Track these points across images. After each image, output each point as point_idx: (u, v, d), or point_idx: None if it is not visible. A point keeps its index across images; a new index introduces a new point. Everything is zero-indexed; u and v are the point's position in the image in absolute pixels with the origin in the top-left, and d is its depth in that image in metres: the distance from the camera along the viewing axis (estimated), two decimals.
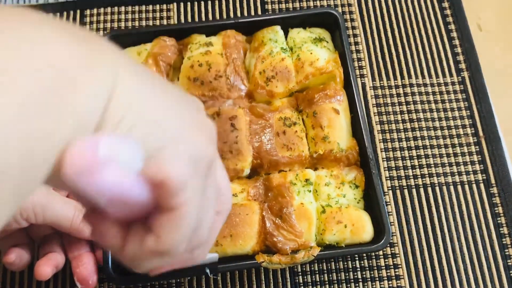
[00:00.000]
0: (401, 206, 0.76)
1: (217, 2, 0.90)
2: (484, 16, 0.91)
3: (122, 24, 0.88)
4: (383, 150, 0.79)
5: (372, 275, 0.72)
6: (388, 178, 0.77)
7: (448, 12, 0.89)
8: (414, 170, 0.78)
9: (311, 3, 0.90)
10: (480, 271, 0.72)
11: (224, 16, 0.89)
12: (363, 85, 0.83)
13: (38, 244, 0.64)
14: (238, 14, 0.89)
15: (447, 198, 0.76)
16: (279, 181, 0.65)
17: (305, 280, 0.71)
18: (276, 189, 0.64)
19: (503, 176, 0.77)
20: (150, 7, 0.89)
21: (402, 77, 0.84)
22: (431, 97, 0.83)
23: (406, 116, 0.81)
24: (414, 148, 0.79)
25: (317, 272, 0.72)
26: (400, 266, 0.72)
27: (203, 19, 0.89)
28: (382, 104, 0.82)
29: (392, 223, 0.74)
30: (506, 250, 0.73)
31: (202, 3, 0.90)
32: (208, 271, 0.61)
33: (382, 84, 0.84)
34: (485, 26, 0.90)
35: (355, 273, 0.72)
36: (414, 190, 0.77)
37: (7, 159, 0.23)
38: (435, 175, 0.77)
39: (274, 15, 0.77)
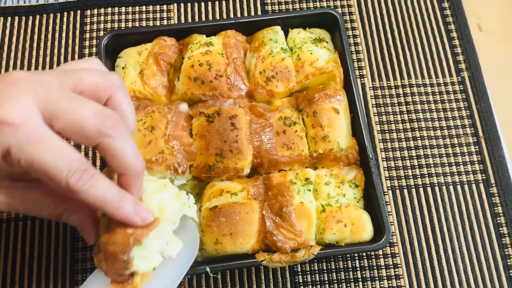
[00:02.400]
0: (400, 206, 0.76)
1: (217, 3, 0.90)
2: (484, 16, 0.91)
3: (122, 24, 0.88)
4: (383, 150, 0.79)
5: (372, 274, 0.72)
6: (388, 178, 0.77)
7: (448, 12, 0.89)
8: (413, 170, 0.78)
9: (311, 4, 0.90)
10: (480, 270, 0.72)
11: (224, 16, 0.89)
12: (363, 85, 0.84)
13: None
14: (238, 14, 0.89)
15: (447, 198, 0.76)
16: (279, 180, 0.65)
17: (305, 279, 0.71)
18: (276, 188, 0.64)
19: (502, 176, 0.77)
20: (150, 7, 0.90)
21: (402, 78, 0.84)
22: (430, 97, 0.83)
23: (405, 116, 0.81)
24: (413, 148, 0.79)
25: (317, 271, 0.72)
26: (399, 265, 0.72)
27: (203, 19, 0.89)
28: (382, 104, 0.82)
29: (392, 223, 0.75)
30: (506, 250, 0.73)
31: (203, 3, 0.90)
32: (208, 269, 0.61)
33: (381, 85, 0.84)
34: (485, 26, 0.90)
35: (355, 273, 0.72)
36: (413, 190, 0.77)
37: None
38: (434, 175, 0.77)
39: (274, 15, 0.77)
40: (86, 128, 0.43)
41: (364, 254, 0.73)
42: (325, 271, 0.72)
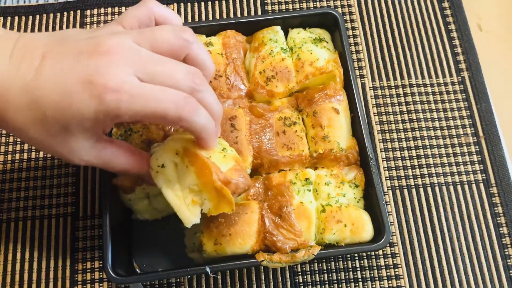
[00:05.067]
0: (400, 206, 0.76)
1: (217, 3, 0.90)
2: (484, 16, 0.91)
3: None
4: (383, 150, 0.79)
5: (372, 274, 0.72)
6: (388, 178, 0.77)
7: (448, 12, 0.89)
8: (414, 170, 0.78)
9: (311, 4, 0.90)
10: (480, 271, 0.72)
11: (224, 16, 0.89)
12: (363, 85, 0.84)
13: None
14: (238, 14, 0.89)
15: (447, 198, 0.76)
16: (278, 180, 0.65)
17: (305, 279, 0.71)
18: (276, 188, 0.64)
19: (502, 176, 0.77)
20: None
21: (402, 77, 0.84)
22: (431, 97, 0.83)
23: (406, 116, 0.81)
24: (414, 148, 0.79)
25: (317, 271, 0.72)
26: (400, 265, 0.72)
27: (203, 19, 0.89)
28: (382, 104, 0.82)
29: (392, 223, 0.75)
30: (506, 250, 0.73)
31: (202, 3, 0.90)
32: (208, 270, 0.61)
33: (382, 84, 0.84)
34: (485, 26, 0.90)
35: (355, 273, 0.72)
36: (414, 190, 0.77)
37: None
38: (434, 175, 0.77)
39: (274, 15, 0.77)
40: (181, 88, 0.49)
41: (364, 254, 0.73)
42: (325, 271, 0.72)
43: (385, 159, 0.79)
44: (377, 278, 0.71)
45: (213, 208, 0.55)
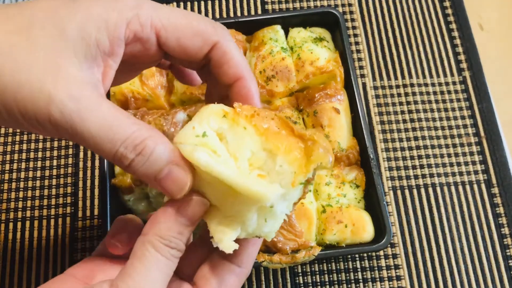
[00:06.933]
0: (401, 206, 0.75)
1: (217, 2, 0.90)
2: (486, 15, 0.91)
3: None
4: (384, 150, 0.79)
5: (373, 275, 0.71)
6: (389, 178, 0.77)
7: (449, 11, 0.88)
8: (415, 170, 0.77)
9: (312, 3, 0.90)
10: (481, 271, 0.71)
11: (224, 15, 0.89)
12: (364, 85, 0.83)
13: None
14: (238, 13, 0.89)
15: (448, 199, 0.76)
16: None
17: (305, 280, 0.71)
18: None
19: (504, 176, 0.77)
20: None
21: (403, 77, 0.84)
22: (432, 97, 0.82)
23: (407, 116, 0.81)
24: (415, 148, 0.79)
25: (317, 272, 0.71)
26: (401, 266, 0.72)
27: None
28: (383, 104, 0.82)
29: (393, 224, 0.74)
30: (507, 251, 0.72)
31: (202, 3, 0.89)
32: None
33: (382, 84, 0.83)
34: (487, 26, 0.90)
35: (356, 274, 0.71)
36: (415, 190, 0.76)
37: None
38: (436, 175, 0.77)
39: (274, 14, 0.77)
40: (201, 27, 0.43)
41: (365, 255, 0.72)
42: (326, 272, 0.71)
43: (386, 159, 0.78)
44: (378, 279, 0.71)
45: (299, 170, 0.38)
